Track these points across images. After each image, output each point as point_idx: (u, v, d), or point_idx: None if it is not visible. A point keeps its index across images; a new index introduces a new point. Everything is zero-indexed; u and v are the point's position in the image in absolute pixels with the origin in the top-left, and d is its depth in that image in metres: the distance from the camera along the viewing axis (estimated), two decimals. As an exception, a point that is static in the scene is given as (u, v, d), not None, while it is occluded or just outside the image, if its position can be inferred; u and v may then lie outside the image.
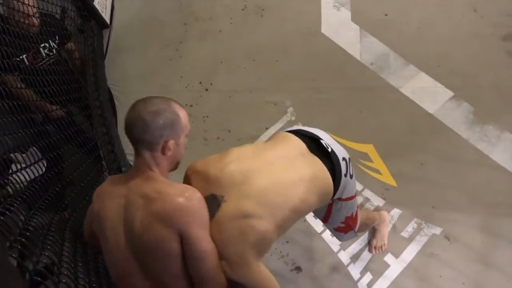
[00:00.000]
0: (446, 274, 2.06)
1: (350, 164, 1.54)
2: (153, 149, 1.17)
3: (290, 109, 2.61)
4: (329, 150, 1.44)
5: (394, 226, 2.19)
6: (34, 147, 1.59)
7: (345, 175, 1.47)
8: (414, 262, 2.11)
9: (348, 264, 2.15)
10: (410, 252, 2.13)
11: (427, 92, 2.50)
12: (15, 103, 1.61)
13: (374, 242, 2.14)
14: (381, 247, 2.14)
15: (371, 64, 2.65)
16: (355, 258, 2.16)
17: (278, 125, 2.58)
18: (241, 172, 1.25)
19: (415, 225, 2.19)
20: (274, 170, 1.29)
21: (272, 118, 2.61)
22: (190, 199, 1.12)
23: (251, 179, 1.23)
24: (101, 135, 2.44)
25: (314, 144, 1.46)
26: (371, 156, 2.38)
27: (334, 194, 1.46)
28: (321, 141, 1.46)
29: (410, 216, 2.21)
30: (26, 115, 1.67)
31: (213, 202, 1.19)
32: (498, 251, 2.06)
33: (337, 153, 1.46)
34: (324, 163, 1.40)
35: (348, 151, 2.35)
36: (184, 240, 1.10)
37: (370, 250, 2.16)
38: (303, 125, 2.52)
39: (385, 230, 2.15)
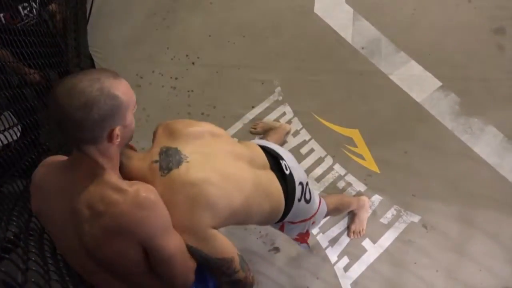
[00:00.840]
0: (421, 261, 2.09)
1: (308, 188, 1.52)
2: (96, 142, 0.95)
3: (278, 89, 2.57)
4: (287, 172, 1.41)
5: (374, 212, 2.20)
6: (8, 112, 1.50)
7: (299, 200, 1.45)
8: (391, 248, 2.13)
9: (326, 247, 2.16)
10: (387, 238, 2.15)
11: (416, 80, 2.49)
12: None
13: (352, 227, 2.15)
14: (360, 232, 2.15)
15: (362, 48, 2.62)
16: (333, 241, 2.17)
17: (265, 104, 2.54)
18: (210, 145, 1.22)
19: (395, 212, 2.20)
20: (240, 164, 1.26)
21: (259, 97, 2.56)
22: (144, 207, 0.96)
23: (217, 156, 1.20)
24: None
25: (274, 163, 1.42)
26: (356, 141, 2.37)
27: (284, 216, 1.44)
28: (282, 161, 1.43)
29: (390, 203, 2.22)
30: (0, 76, 1.57)
31: (174, 156, 1.13)
32: (472, 241, 2.10)
33: (294, 176, 1.43)
34: (281, 183, 1.37)
35: (334, 135, 2.39)
36: (146, 248, 0.99)
37: (348, 235, 2.17)
38: (290, 105, 2.50)
39: (364, 216, 2.16)
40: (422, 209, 2.19)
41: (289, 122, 2.45)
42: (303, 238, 1.69)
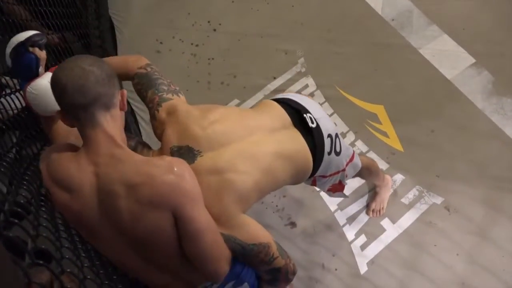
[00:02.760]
0: (441, 244, 2.03)
1: (338, 139, 1.43)
2: (110, 106, 0.97)
3: (301, 60, 2.47)
4: (314, 125, 1.34)
5: (395, 192, 2.14)
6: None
7: (329, 153, 1.38)
8: (411, 229, 2.08)
9: (344, 225, 2.12)
10: (407, 219, 2.09)
11: (447, 56, 2.36)
12: (4, 19, 1.46)
13: (372, 205, 2.09)
14: (379, 210, 2.10)
15: (392, 20, 2.48)
16: (351, 219, 2.12)
17: (287, 75, 2.45)
18: (223, 134, 1.17)
19: (417, 193, 2.14)
20: (255, 138, 1.21)
21: (281, 67, 2.47)
22: (181, 176, 0.97)
23: (231, 142, 1.16)
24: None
25: (298, 117, 1.35)
26: (380, 118, 2.28)
27: (315, 172, 1.38)
28: (307, 114, 1.35)
29: (412, 183, 2.15)
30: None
31: (187, 154, 1.11)
32: (497, 226, 2.03)
33: (322, 129, 1.36)
34: (306, 139, 1.31)
35: (357, 110, 2.30)
36: (177, 220, 0.99)
37: (367, 213, 2.12)
38: (313, 78, 2.41)
39: (385, 195, 2.09)
40: (446, 190, 2.12)
41: (312, 95, 2.37)
42: (336, 188, 1.60)
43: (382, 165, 2.18)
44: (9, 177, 1.07)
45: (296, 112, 1.37)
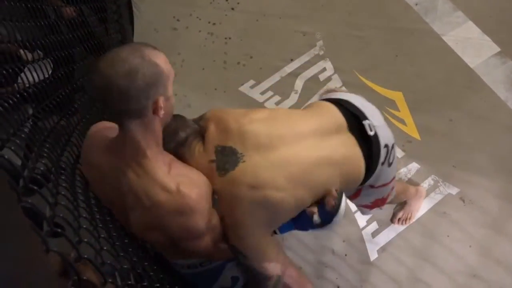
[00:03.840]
0: (454, 235, 2.00)
1: (393, 150, 1.35)
2: (142, 115, 0.94)
3: (320, 43, 2.42)
4: (372, 133, 1.24)
5: (409, 181, 2.11)
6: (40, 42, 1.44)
7: (383, 164, 1.30)
8: (424, 219, 2.05)
9: (356, 211, 2.09)
10: (421, 208, 2.06)
11: (471, 44, 2.29)
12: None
13: (400, 214, 2.02)
14: (406, 220, 2.03)
15: (416, 4, 2.41)
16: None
17: (304, 57, 2.41)
18: (267, 136, 1.12)
19: (432, 182, 2.10)
20: (303, 144, 1.14)
21: (299, 49, 2.42)
22: (184, 212, 0.98)
23: (276, 147, 1.10)
24: (116, 43, 2.28)
25: (356, 122, 1.26)
26: (398, 105, 2.23)
27: (365, 181, 1.32)
28: (365, 121, 1.25)
29: (428, 172, 2.12)
30: (36, 4, 1.51)
31: (230, 156, 1.08)
32: (512, 219, 2.00)
33: (380, 138, 1.26)
34: (361, 147, 1.23)
35: (375, 96, 2.25)
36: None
37: (392, 221, 2.04)
38: (331, 61, 2.36)
39: (416, 205, 2.02)
40: (462, 181, 2.07)
41: (329, 78, 2.33)
42: (377, 205, 1.55)
43: (398, 153, 2.14)
44: (24, 149, 1.07)
45: (354, 117, 1.27)
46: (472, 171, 2.08)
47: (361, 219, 2.07)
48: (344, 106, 1.29)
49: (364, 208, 1.62)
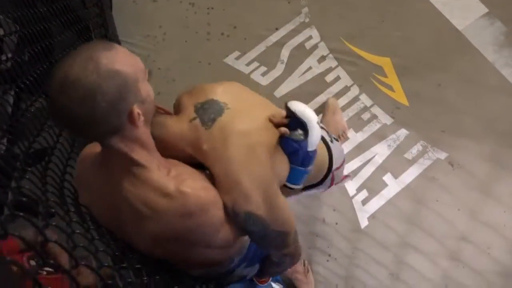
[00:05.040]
0: (443, 199, 2.02)
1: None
2: (119, 130, 0.81)
3: (305, 10, 2.35)
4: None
5: (398, 147, 2.10)
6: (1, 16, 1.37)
7: (332, 141, 1.34)
8: (413, 184, 2.06)
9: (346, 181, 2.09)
10: (410, 174, 2.07)
11: (459, 5, 2.24)
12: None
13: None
14: (343, 134, 2.07)
15: (402, -34, 2.34)
16: (353, 174, 2.10)
17: (290, 26, 2.34)
18: (245, 96, 1.10)
19: (420, 148, 2.10)
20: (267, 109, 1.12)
21: (284, 17, 2.35)
22: (192, 214, 0.86)
23: (254, 108, 1.06)
24: (94, 16, 2.20)
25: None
26: (386, 71, 2.20)
27: (331, 165, 1.32)
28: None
29: (416, 138, 2.11)
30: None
31: (213, 107, 0.99)
32: (500, 181, 2.01)
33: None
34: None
35: (362, 63, 2.21)
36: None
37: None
38: (317, 29, 2.30)
39: (339, 119, 2.07)
40: (451, 146, 2.07)
41: (315, 46, 2.27)
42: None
43: (386, 119, 2.13)
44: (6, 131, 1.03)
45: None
46: (460, 135, 2.08)
47: (351, 187, 2.08)
48: None
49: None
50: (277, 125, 1.04)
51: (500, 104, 2.08)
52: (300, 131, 1.03)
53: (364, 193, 2.07)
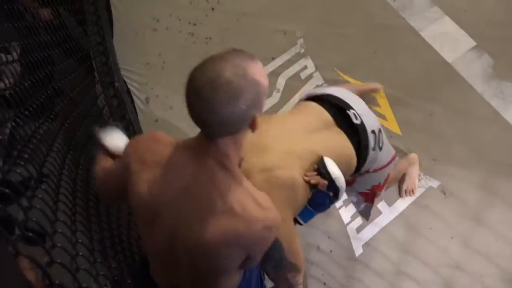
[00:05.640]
0: (437, 227, 2.04)
1: (381, 134, 1.44)
2: (236, 133, 0.89)
3: (300, 41, 2.43)
4: (358, 122, 1.33)
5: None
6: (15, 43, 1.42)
7: (373, 149, 1.38)
8: (407, 212, 2.08)
9: (340, 207, 2.12)
10: (403, 202, 2.10)
11: (448, 39, 2.32)
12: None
13: (404, 186, 2.08)
14: (412, 190, 2.08)
15: (394, 1, 2.44)
16: (347, 202, 2.12)
17: (286, 56, 2.42)
18: (261, 138, 1.16)
19: (413, 176, 2.13)
20: (293, 142, 1.20)
21: (280, 48, 2.43)
22: (273, 229, 0.94)
23: (271, 147, 1.15)
24: (95, 44, 2.26)
25: (341, 114, 1.34)
26: (379, 100, 2.26)
27: (359, 168, 1.38)
28: (350, 111, 1.34)
29: (409, 166, 2.14)
30: (12, 5, 1.48)
31: None
32: (492, 210, 2.04)
33: (366, 125, 1.35)
34: (349, 136, 1.31)
35: (357, 93, 2.27)
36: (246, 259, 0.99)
37: (400, 195, 2.09)
38: (312, 59, 2.37)
39: (414, 173, 2.08)
40: (443, 174, 2.11)
41: (310, 76, 2.34)
42: (373, 192, 1.63)
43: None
44: (3, 155, 1.05)
45: (339, 110, 1.35)
46: (452, 163, 2.12)
47: (345, 215, 2.10)
48: (328, 101, 1.35)
49: (361, 196, 1.69)
50: (312, 184, 1.15)
51: (490, 133, 2.14)
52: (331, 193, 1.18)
53: (358, 221, 2.09)
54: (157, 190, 0.94)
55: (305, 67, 2.37)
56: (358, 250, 2.04)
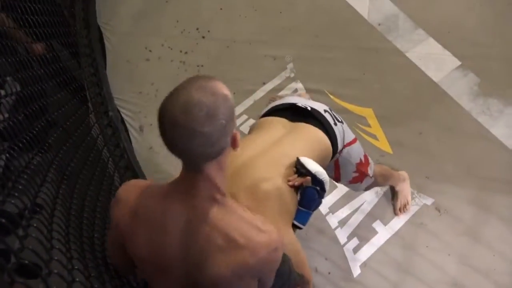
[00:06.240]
0: (433, 245, 2.04)
1: (333, 112, 1.52)
2: (220, 154, 0.87)
3: (290, 65, 2.49)
4: (309, 108, 1.42)
5: (385, 194, 2.15)
6: (9, 78, 1.45)
7: (335, 124, 1.45)
8: (402, 231, 2.08)
9: (336, 228, 2.12)
10: (399, 220, 2.10)
11: (433, 59, 2.39)
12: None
13: (397, 204, 2.09)
14: (405, 206, 2.09)
15: (379, 24, 2.52)
16: (342, 222, 2.13)
17: (276, 81, 2.47)
18: (239, 161, 1.18)
19: (407, 194, 2.15)
20: (266, 151, 1.24)
21: (271, 73, 2.48)
22: (279, 249, 0.94)
23: (248, 164, 1.18)
24: (89, 76, 2.30)
25: (292, 112, 1.43)
26: (369, 121, 2.30)
27: (334, 146, 1.42)
28: (297, 104, 1.43)
29: (402, 185, 2.16)
30: (5, 41, 1.52)
31: None
32: (487, 225, 2.05)
33: (316, 108, 1.44)
34: (312, 124, 1.38)
35: (347, 114, 2.31)
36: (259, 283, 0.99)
37: (395, 213, 2.10)
38: (302, 83, 2.43)
39: (406, 190, 2.10)
40: (436, 191, 2.13)
41: (301, 99, 2.38)
42: (361, 171, 1.64)
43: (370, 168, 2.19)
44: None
45: (288, 109, 1.44)
46: (444, 181, 2.14)
47: (342, 236, 2.10)
48: (277, 109, 1.46)
49: (355, 184, 1.71)
50: (296, 186, 1.17)
51: (479, 149, 2.17)
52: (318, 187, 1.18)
53: (355, 241, 2.09)
54: (157, 248, 0.93)
55: (296, 90, 2.42)
56: (356, 271, 2.03)
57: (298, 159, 1.19)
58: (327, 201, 2.15)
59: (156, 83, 2.52)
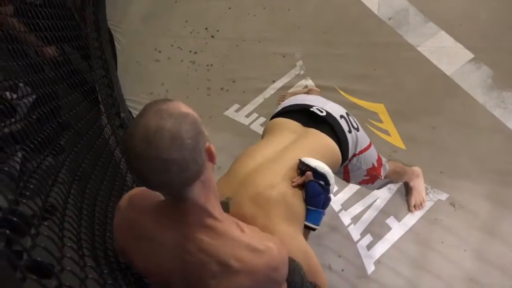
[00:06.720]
0: (448, 241, 2.01)
1: (350, 117, 1.47)
2: (200, 173, 0.82)
3: (300, 63, 2.48)
4: (323, 114, 1.38)
5: (399, 190, 2.13)
6: (22, 83, 1.47)
7: (349, 131, 1.41)
8: (417, 227, 2.06)
9: (349, 225, 2.10)
10: (413, 217, 2.08)
11: (445, 52, 2.36)
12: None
13: (412, 201, 2.07)
14: (421, 203, 2.07)
15: (389, 19, 2.49)
16: (356, 219, 2.11)
17: (285, 78, 2.46)
18: (246, 172, 1.18)
19: (421, 190, 2.12)
20: (274, 157, 1.22)
21: (280, 70, 2.48)
22: (279, 268, 0.92)
23: (253, 172, 1.16)
24: (100, 78, 2.32)
25: (306, 115, 1.39)
26: (381, 116, 2.27)
27: (344, 154, 1.40)
28: (312, 108, 1.39)
29: (416, 180, 2.14)
30: (16, 45, 1.54)
31: (223, 207, 1.05)
32: (503, 220, 2.01)
33: (332, 113, 1.39)
34: (323, 130, 1.35)
35: (358, 110, 2.30)
36: None
37: (410, 210, 2.08)
38: (312, 80, 2.41)
39: (420, 186, 2.07)
40: (450, 186, 2.10)
41: (311, 96, 2.37)
42: (372, 175, 1.60)
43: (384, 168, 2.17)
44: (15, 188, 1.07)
45: (302, 111, 1.40)
46: (458, 175, 2.11)
47: (355, 232, 2.08)
48: (290, 111, 1.42)
49: (365, 185, 1.70)
50: (300, 184, 1.15)
51: (495, 143, 2.13)
52: (321, 181, 1.16)
53: (368, 238, 2.07)
54: (154, 267, 0.94)
55: (306, 87, 2.40)
56: (370, 268, 2.01)
57: (300, 160, 1.18)
58: (340, 198, 2.14)
59: (166, 83, 2.53)
